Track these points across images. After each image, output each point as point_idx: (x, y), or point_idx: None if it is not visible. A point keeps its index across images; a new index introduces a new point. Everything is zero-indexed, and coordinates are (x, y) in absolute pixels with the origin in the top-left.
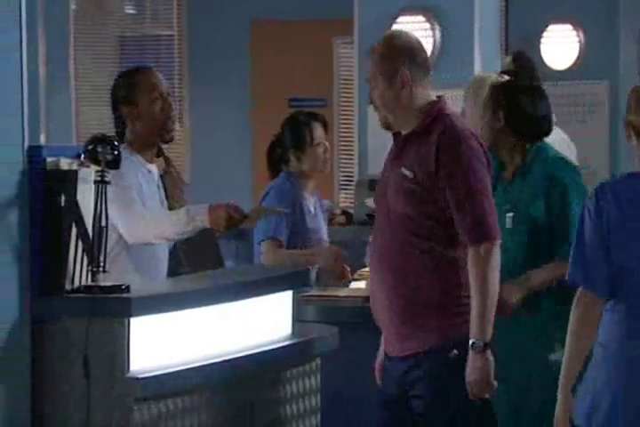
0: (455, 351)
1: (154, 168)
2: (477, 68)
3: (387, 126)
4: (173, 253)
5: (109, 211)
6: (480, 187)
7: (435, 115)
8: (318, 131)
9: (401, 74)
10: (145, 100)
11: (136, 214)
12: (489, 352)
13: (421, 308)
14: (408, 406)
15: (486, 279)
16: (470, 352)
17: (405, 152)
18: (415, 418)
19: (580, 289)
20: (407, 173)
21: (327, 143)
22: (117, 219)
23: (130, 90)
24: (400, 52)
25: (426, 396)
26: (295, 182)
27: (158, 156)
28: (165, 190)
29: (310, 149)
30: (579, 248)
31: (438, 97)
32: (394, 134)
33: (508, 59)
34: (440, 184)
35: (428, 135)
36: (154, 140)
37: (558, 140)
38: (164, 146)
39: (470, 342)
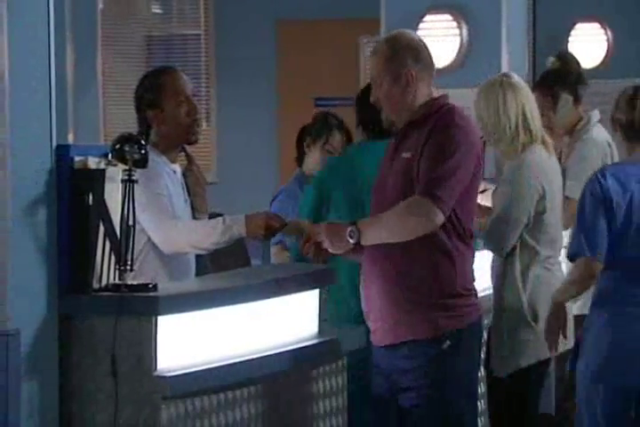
0: (448, 342)
1: (178, 168)
2: (504, 67)
3: (390, 125)
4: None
5: (141, 217)
6: (452, 159)
7: (436, 108)
8: (335, 138)
9: (405, 73)
10: (171, 104)
11: (169, 224)
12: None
13: (416, 297)
14: (397, 400)
15: (401, 227)
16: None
17: (405, 141)
18: (404, 411)
19: (581, 258)
20: (407, 155)
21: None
22: (150, 228)
23: (155, 93)
24: (405, 52)
25: (417, 387)
26: (303, 184)
27: (181, 152)
28: (188, 189)
29: (316, 147)
30: (581, 223)
31: (442, 95)
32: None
33: (553, 59)
34: (421, 158)
35: (426, 124)
36: (179, 143)
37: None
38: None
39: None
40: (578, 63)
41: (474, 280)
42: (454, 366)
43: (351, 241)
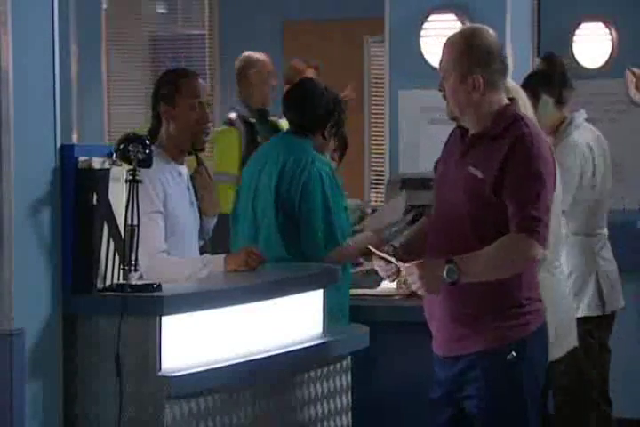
0: (513, 353)
1: (184, 170)
2: (509, 67)
3: (453, 118)
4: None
5: None
6: (541, 191)
7: (511, 120)
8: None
9: (474, 77)
10: (184, 104)
11: (150, 252)
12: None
13: (481, 309)
14: (458, 407)
15: (502, 265)
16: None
17: (474, 152)
18: (466, 417)
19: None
20: (476, 172)
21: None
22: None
23: (172, 89)
24: (477, 55)
25: (481, 397)
26: None
27: (190, 154)
28: (195, 192)
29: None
30: None
31: (510, 99)
32: (458, 127)
33: (539, 60)
34: (504, 188)
35: (502, 138)
36: (185, 146)
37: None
38: None
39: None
40: (563, 65)
41: (538, 287)
42: (520, 373)
43: (448, 280)
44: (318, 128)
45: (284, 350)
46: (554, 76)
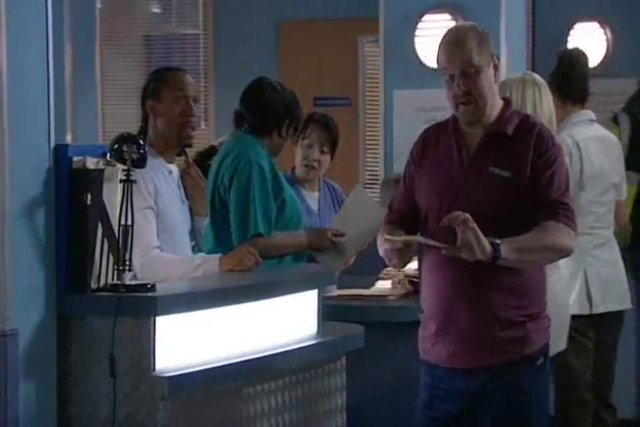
0: (541, 359)
1: (174, 168)
2: (504, 67)
3: (474, 122)
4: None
5: None
6: (569, 185)
7: (521, 117)
8: (314, 133)
9: (494, 64)
10: (169, 97)
11: (143, 248)
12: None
13: (511, 317)
14: (476, 420)
15: (544, 251)
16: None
17: (489, 151)
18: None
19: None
20: (502, 172)
21: (316, 153)
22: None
23: (158, 84)
24: (487, 38)
25: (508, 405)
26: (293, 184)
27: (179, 155)
28: (186, 192)
29: (299, 147)
30: None
31: (507, 98)
32: (441, 126)
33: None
34: (537, 186)
35: (519, 137)
36: (172, 141)
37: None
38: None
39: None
40: (564, 60)
41: None
42: (546, 378)
43: (489, 251)
44: (274, 127)
45: (278, 351)
46: (555, 72)
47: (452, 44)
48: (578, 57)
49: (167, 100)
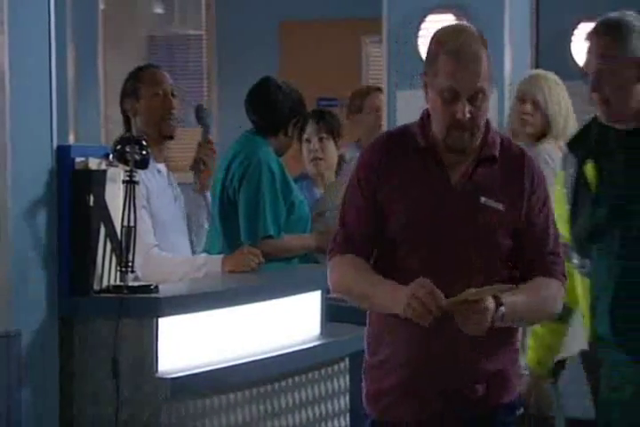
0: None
1: (163, 167)
2: (507, 67)
3: (462, 150)
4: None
5: None
6: (556, 226)
7: (500, 138)
8: (308, 127)
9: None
10: (147, 94)
11: (142, 248)
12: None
13: (507, 358)
14: None
15: (549, 308)
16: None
17: (478, 177)
18: None
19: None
20: (495, 204)
21: (316, 144)
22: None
23: (135, 84)
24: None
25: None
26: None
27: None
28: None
29: (302, 145)
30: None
31: None
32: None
33: None
34: (529, 223)
35: (506, 161)
36: (154, 137)
37: None
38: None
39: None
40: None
41: None
42: None
43: (498, 324)
44: (279, 127)
45: (281, 352)
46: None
47: (467, 56)
48: None
49: (145, 97)
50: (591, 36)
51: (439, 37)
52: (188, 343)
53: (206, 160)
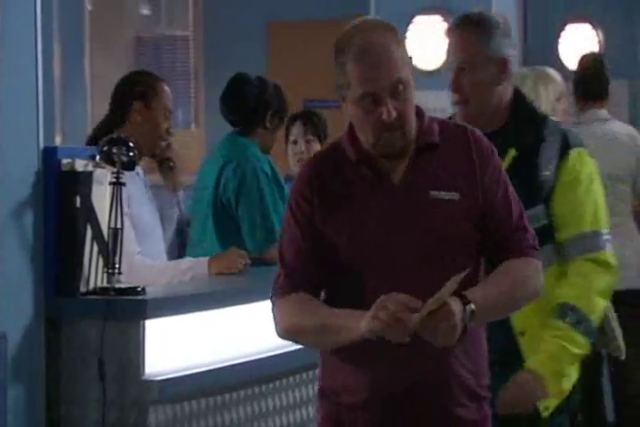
0: None
1: (140, 170)
2: None
3: (398, 149)
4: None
5: None
6: (518, 199)
7: (434, 122)
8: (295, 128)
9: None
10: (158, 108)
11: (126, 255)
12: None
13: (483, 372)
14: None
15: (528, 289)
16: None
17: (421, 171)
18: None
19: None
20: (449, 195)
21: (302, 145)
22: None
23: (149, 91)
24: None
25: None
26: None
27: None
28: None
29: (288, 146)
30: None
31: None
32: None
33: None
34: (489, 206)
35: (449, 146)
36: (143, 150)
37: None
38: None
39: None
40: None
41: None
42: None
43: (469, 326)
44: (256, 121)
45: (270, 354)
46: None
47: (372, 53)
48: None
49: (156, 110)
50: (452, 31)
51: (337, 47)
52: (175, 345)
53: (171, 157)
